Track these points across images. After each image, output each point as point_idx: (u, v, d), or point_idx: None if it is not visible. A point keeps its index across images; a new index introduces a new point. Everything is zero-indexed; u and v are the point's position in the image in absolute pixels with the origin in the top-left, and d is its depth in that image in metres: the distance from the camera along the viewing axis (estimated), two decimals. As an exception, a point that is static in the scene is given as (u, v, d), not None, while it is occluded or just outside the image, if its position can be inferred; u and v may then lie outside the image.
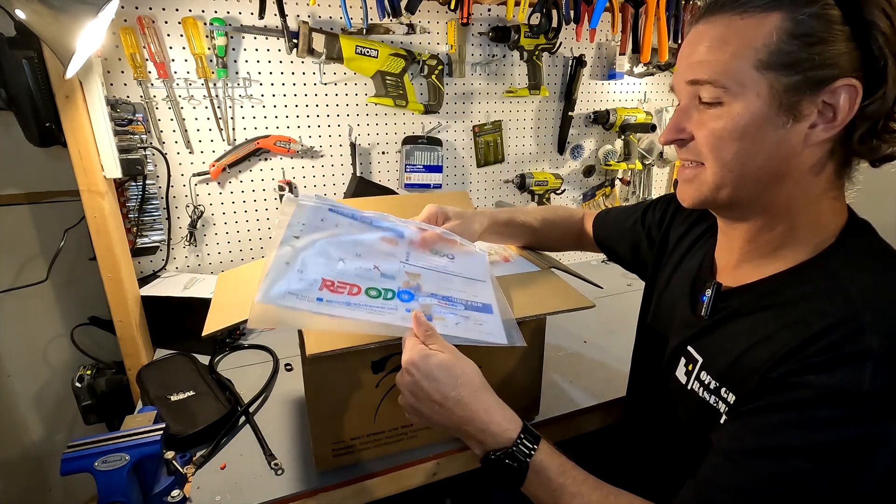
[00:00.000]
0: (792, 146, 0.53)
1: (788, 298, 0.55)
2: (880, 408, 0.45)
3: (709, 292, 0.64)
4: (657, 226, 0.85)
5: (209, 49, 1.18)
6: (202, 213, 1.29)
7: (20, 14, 0.78)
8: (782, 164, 0.54)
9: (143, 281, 1.23)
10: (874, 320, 0.48)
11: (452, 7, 1.29)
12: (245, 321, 0.73)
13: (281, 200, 1.35)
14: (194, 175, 1.27)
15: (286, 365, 1.09)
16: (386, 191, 1.43)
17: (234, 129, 1.28)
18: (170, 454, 0.74)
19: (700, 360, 0.63)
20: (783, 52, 0.50)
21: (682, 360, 0.66)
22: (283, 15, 1.19)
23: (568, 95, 1.60)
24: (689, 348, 0.65)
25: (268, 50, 1.26)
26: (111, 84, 1.15)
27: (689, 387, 0.63)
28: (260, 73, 1.26)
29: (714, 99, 0.54)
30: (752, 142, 0.53)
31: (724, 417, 0.57)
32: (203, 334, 0.72)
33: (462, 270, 0.75)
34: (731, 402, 0.56)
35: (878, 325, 0.48)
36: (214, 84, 1.22)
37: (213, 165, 1.26)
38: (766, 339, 0.54)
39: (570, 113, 1.62)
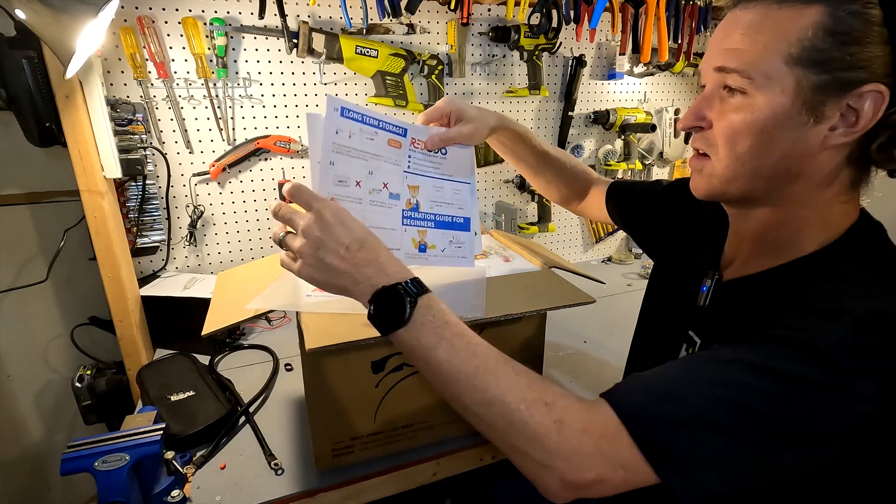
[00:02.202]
0: (809, 147, 0.52)
1: (783, 287, 0.56)
2: (847, 365, 0.45)
3: (709, 283, 0.65)
4: (671, 208, 0.84)
5: (209, 49, 1.18)
6: (202, 213, 1.29)
7: (20, 14, 0.78)
8: (797, 163, 0.53)
9: (143, 281, 1.23)
10: (861, 297, 0.48)
11: (452, 7, 1.29)
12: (244, 321, 0.74)
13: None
14: (194, 175, 1.27)
15: (286, 365, 1.09)
16: (386, 191, 1.43)
17: (234, 129, 1.28)
18: (170, 454, 0.74)
19: (699, 341, 0.64)
20: (816, 49, 0.49)
21: (684, 346, 0.67)
22: (283, 15, 1.19)
23: (568, 95, 1.60)
24: (690, 332, 0.66)
25: (268, 50, 1.26)
26: (111, 84, 1.15)
27: None
28: (260, 73, 1.26)
29: (739, 88, 0.53)
30: (769, 138, 0.52)
31: None
32: (203, 334, 0.72)
33: (452, 171, 0.81)
34: None
35: (863, 299, 0.48)
36: (214, 84, 1.22)
37: (213, 165, 1.26)
38: (758, 319, 0.55)
39: (570, 113, 1.62)
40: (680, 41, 1.58)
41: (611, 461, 0.47)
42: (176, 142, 1.24)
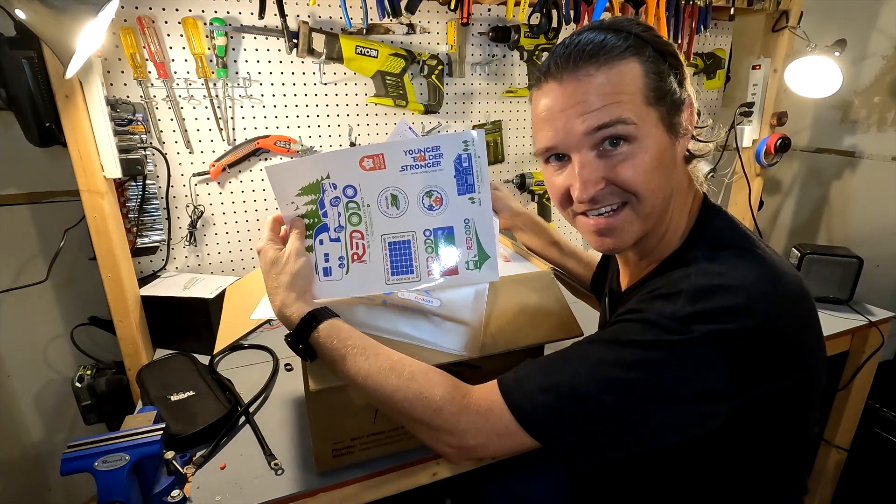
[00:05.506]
0: (677, 161, 0.64)
1: (650, 282, 0.65)
2: (677, 328, 0.53)
3: (605, 300, 0.79)
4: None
5: (209, 49, 1.18)
6: (202, 213, 1.29)
7: (20, 14, 0.78)
8: (676, 177, 0.64)
9: (143, 281, 1.23)
10: (694, 277, 0.57)
11: (452, 7, 1.29)
12: (252, 331, 0.74)
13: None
14: (194, 175, 1.27)
15: (286, 365, 1.09)
16: (386, 191, 1.43)
17: (234, 129, 1.28)
18: (170, 454, 0.75)
19: None
20: (653, 87, 0.59)
21: None
22: (283, 15, 1.19)
23: (568, 95, 1.60)
24: None
25: (268, 50, 1.26)
26: (111, 84, 1.15)
27: None
28: (260, 73, 1.26)
29: (627, 134, 0.58)
30: (664, 166, 0.61)
31: None
32: (214, 352, 0.73)
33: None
34: None
35: (695, 279, 0.57)
36: (214, 84, 1.22)
37: (213, 165, 1.26)
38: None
39: (570, 113, 1.62)
40: (680, 41, 1.58)
41: (486, 432, 0.59)
42: (176, 142, 1.24)
